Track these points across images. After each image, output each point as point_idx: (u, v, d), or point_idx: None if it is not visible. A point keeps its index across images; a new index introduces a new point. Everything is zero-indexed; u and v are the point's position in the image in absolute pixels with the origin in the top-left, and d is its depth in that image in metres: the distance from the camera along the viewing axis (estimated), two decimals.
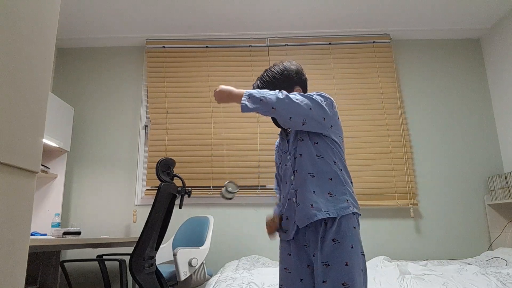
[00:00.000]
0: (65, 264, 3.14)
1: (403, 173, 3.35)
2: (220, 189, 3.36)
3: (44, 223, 3.10)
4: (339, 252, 1.25)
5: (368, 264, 2.58)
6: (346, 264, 1.24)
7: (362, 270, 1.28)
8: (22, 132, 0.68)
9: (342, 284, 1.22)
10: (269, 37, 3.69)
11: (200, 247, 2.55)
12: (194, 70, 3.63)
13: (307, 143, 1.39)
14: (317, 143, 1.38)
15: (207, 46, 3.68)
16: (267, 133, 3.44)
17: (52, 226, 2.85)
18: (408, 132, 3.49)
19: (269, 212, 3.34)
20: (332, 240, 1.26)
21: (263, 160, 3.40)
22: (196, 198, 3.36)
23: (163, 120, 3.52)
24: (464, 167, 3.41)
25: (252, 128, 3.47)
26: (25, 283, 2.51)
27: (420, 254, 3.22)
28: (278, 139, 1.59)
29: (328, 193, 1.31)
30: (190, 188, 2.28)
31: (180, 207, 2.23)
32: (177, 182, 2.25)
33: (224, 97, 1.39)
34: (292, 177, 1.39)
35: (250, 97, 1.33)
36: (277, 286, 2.00)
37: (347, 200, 1.32)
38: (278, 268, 2.30)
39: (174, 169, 2.26)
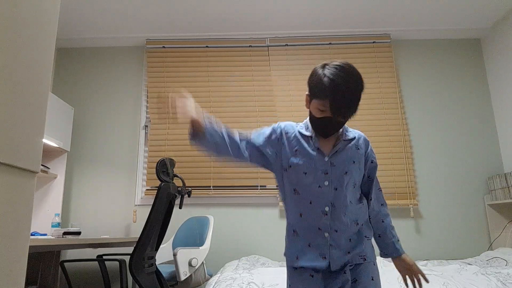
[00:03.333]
0: (65, 264, 3.14)
1: (403, 173, 3.35)
2: (220, 189, 3.37)
3: (44, 223, 3.10)
4: (364, 268, 1.30)
5: None
6: (372, 279, 1.30)
7: (379, 286, 1.34)
8: (22, 132, 0.68)
9: None
10: (269, 37, 3.69)
11: (200, 247, 2.55)
12: (194, 70, 3.63)
13: (358, 189, 1.36)
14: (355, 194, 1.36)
15: (207, 46, 3.68)
16: None
17: (52, 226, 2.85)
18: (408, 132, 3.49)
19: (269, 212, 3.34)
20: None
21: None
22: (196, 198, 3.36)
23: (163, 120, 3.52)
24: (464, 167, 3.41)
25: (252, 128, 3.47)
26: (25, 283, 2.51)
27: (420, 254, 3.22)
28: (286, 127, 1.38)
29: (366, 237, 1.34)
30: (190, 188, 2.28)
31: (180, 207, 2.23)
32: (177, 182, 2.25)
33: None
34: (327, 208, 1.26)
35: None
36: (277, 286, 2.00)
37: (369, 238, 1.37)
38: (278, 268, 2.30)
39: (174, 169, 2.26)
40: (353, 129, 1.41)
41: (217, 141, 1.29)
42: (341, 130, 1.34)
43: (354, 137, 1.37)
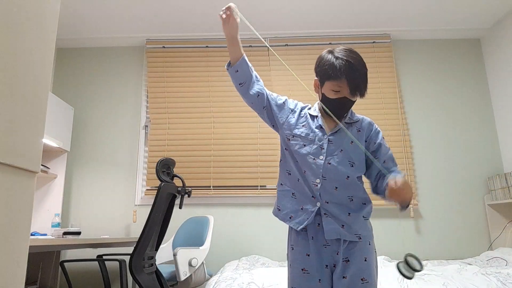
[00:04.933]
0: (65, 264, 3.14)
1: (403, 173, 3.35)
2: (220, 189, 3.37)
3: (44, 223, 3.10)
4: (358, 248, 1.32)
5: None
6: (365, 260, 1.31)
7: (376, 267, 1.37)
8: (22, 132, 0.68)
9: (361, 279, 1.28)
10: (269, 37, 3.69)
11: (200, 247, 2.55)
12: (194, 70, 3.63)
13: (359, 169, 1.39)
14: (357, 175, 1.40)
15: (207, 46, 3.68)
16: (267, 133, 3.44)
17: (52, 226, 2.84)
18: (408, 132, 3.49)
19: (269, 212, 3.34)
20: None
21: (263, 160, 3.40)
22: (196, 198, 3.36)
23: (163, 120, 3.52)
24: (464, 167, 3.41)
25: (252, 128, 3.47)
26: (25, 283, 2.51)
27: (420, 254, 3.22)
28: (301, 105, 1.51)
29: (363, 217, 1.37)
30: (190, 188, 2.28)
31: (180, 207, 2.23)
32: (177, 182, 2.25)
33: (407, 196, 1.25)
34: (318, 180, 1.34)
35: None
36: (277, 286, 2.00)
37: (369, 221, 1.41)
38: (278, 268, 2.30)
39: (174, 169, 2.26)
40: (360, 114, 1.49)
41: (247, 75, 1.49)
42: (349, 112, 1.44)
43: (358, 120, 1.45)
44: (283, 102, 1.49)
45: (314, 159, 1.35)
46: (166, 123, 3.52)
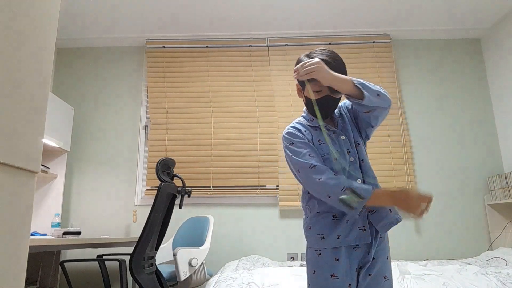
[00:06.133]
0: (65, 264, 3.14)
1: (403, 173, 3.35)
2: (220, 189, 3.37)
3: (44, 223, 3.10)
4: (382, 246, 1.33)
5: None
6: (387, 258, 1.34)
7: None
8: (22, 132, 0.68)
9: (384, 277, 1.30)
10: (269, 37, 3.69)
11: (200, 247, 2.55)
12: (194, 70, 3.63)
13: (363, 149, 1.38)
14: (365, 150, 1.40)
15: (207, 46, 3.68)
16: (267, 133, 3.44)
17: (52, 226, 2.84)
18: (408, 132, 3.49)
19: (269, 212, 3.34)
20: (380, 235, 1.33)
21: (263, 160, 3.40)
22: (196, 198, 3.36)
23: (163, 120, 3.52)
24: (464, 167, 3.41)
25: (252, 128, 3.47)
26: (25, 283, 2.51)
27: (420, 254, 3.22)
28: (298, 126, 1.39)
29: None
30: (190, 188, 2.28)
31: (180, 207, 2.23)
32: (177, 182, 2.25)
33: (326, 75, 1.20)
34: (359, 181, 1.33)
35: (365, 88, 1.24)
36: (277, 286, 2.00)
37: None
38: (278, 268, 2.30)
39: (174, 169, 2.26)
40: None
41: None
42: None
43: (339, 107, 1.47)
44: (305, 145, 1.34)
45: (347, 164, 1.32)
46: (166, 123, 3.52)
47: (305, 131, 1.38)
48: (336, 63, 1.30)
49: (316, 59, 1.24)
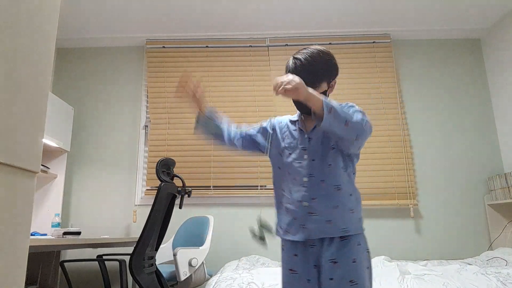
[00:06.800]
0: (65, 264, 3.14)
1: (403, 173, 3.35)
2: (220, 189, 3.37)
3: (44, 223, 3.10)
4: (347, 250, 1.28)
5: None
6: (354, 261, 1.26)
7: (367, 268, 1.31)
8: (22, 132, 0.68)
9: (350, 281, 1.24)
10: (269, 37, 3.69)
11: (200, 247, 2.55)
12: (194, 70, 3.63)
13: (338, 153, 1.33)
14: (349, 156, 1.36)
15: (207, 46, 3.68)
16: None
17: (52, 226, 2.84)
18: (408, 132, 3.49)
19: (269, 212, 3.34)
20: (340, 238, 1.28)
21: (263, 160, 3.40)
22: (196, 198, 3.36)
23: (163, 120, 3.52)
24: (464, 167, 3.41)
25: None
26: (25, 283, 2.51)
27: (420, 254, 3.22)
28: (280, 118, 1.50)
29: (350, 210, 1.31)
30: (190, 188, 2.28)
31: (180, 207, 2.23)
32: (177, 182, 2.25)
33: (301, 93, 1.17)
34: (305, 179, 1.33)
35: (333, 112, 1.18)
36: (277, 286, 2.00)
37: (360, 218, 1.36)
38: (278, 268, 2.30)
39: (174, 169, 2.26)
40: None
41: (215, 129, 1.49)
42: None
43: None
44: (262, 127, 1.52)
45: (299, 162, 1.35)
46: (166, 123, 3.52)
47: (284, 123, 1.48)
48: (307, 63, 1.32)
49: (292, 77, 1.17)
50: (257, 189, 3.36)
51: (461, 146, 3.46)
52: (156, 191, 2.08)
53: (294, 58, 1.36)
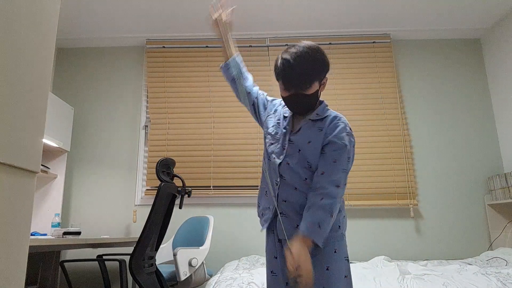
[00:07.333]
0: (65, 264, 3.14)
1: (403, 173, 3.35)
2: (220, 189, 3.37)
3: (44, 223, 3.10)
4: (320, 257, 1.25)
5: (368, 264, 2.58)
6: (327, 269, 1.23)
7: (345, 276, 1.26)
8: (22, 132, 0.68)
9: None
10: (269, 37, 3.69)
11: (200, 247, 2.55)
12: (194, 70, 3.63)
13: (321, 158, 1.30)
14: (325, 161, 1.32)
15: (207, 46, 3.68)
16: None
17: (52, 226, 2.84)
18: (408, 132, 3.49)
19: None
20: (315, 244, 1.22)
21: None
22: (196, 198, 3.36)
23: (163, 120, 3.52)
24: (464, 167, 3.41)
25: (252, 128, 3.47)
26: (25, 283, 2.51)
27: (420, 254, 3.22)
28: (278, 106, 1.50)
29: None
30: (190, 188, 2.28)
31: (180, 207, 2.23)
32: (177, 182, 2.25)
33: (307, 262, 1.14)
34: (278, 179, 1.34)
35: (312, 235, 1.18)
36: None
37: (339, 227, 1.31)
38: None
39: (174, 169, 2.26)
40: (334, 111, 1.41)
41: (238, 75, 1.56)
42: (318, 108, 1.38)
43: (325, 117, 1.36)
44: (270, 101, 1.54)
45: (275, 158, 1.37)
46: (166, 123, 3.52)
47: (280, 111, 1.48)
48: (296, 64, 1.27)
49: (305, 274, 1.12)
50: (257, 189, 3.36)
51: (461, 146, 3.46)
52: (156, 191, 2.08)
53: (283, 58, 1.31)
